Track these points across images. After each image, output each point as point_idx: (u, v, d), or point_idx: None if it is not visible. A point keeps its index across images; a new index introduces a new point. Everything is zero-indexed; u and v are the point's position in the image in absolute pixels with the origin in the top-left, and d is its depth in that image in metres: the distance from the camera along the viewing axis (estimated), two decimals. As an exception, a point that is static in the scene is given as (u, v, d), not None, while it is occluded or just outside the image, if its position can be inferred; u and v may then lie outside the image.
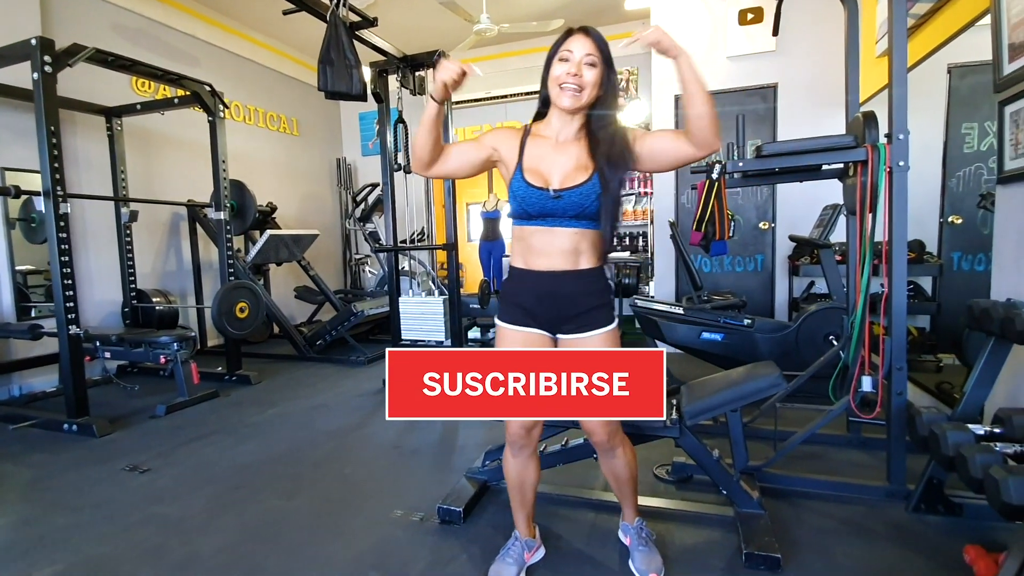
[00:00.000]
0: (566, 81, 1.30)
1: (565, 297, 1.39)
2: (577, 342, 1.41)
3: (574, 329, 1.41)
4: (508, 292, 1.47)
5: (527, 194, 1.35)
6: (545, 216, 1.35)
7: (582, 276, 1.39)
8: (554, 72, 1.33)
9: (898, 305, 1.88)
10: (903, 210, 1.86)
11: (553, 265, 1.38)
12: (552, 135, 1.41)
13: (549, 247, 1.37)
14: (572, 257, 1.38)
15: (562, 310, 1.40)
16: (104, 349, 3.52)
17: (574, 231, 1.36)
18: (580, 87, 1.31)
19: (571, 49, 1.32)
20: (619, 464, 1.56)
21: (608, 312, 1.43)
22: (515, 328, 1.43)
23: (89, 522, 1.99)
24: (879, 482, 1.99)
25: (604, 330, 1.41)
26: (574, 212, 1.34)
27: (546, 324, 1.43)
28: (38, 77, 2.70)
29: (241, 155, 5.52)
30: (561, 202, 1.33)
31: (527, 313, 1.42)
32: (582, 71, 1.31)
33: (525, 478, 1.56)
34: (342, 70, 2.52)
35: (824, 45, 4.04)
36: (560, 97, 1.32)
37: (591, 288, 1.40)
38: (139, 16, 4.54)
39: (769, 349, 3.17)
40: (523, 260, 1.43)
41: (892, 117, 1.85)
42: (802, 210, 4.07)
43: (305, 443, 2.75)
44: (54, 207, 2.83)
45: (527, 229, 1.39)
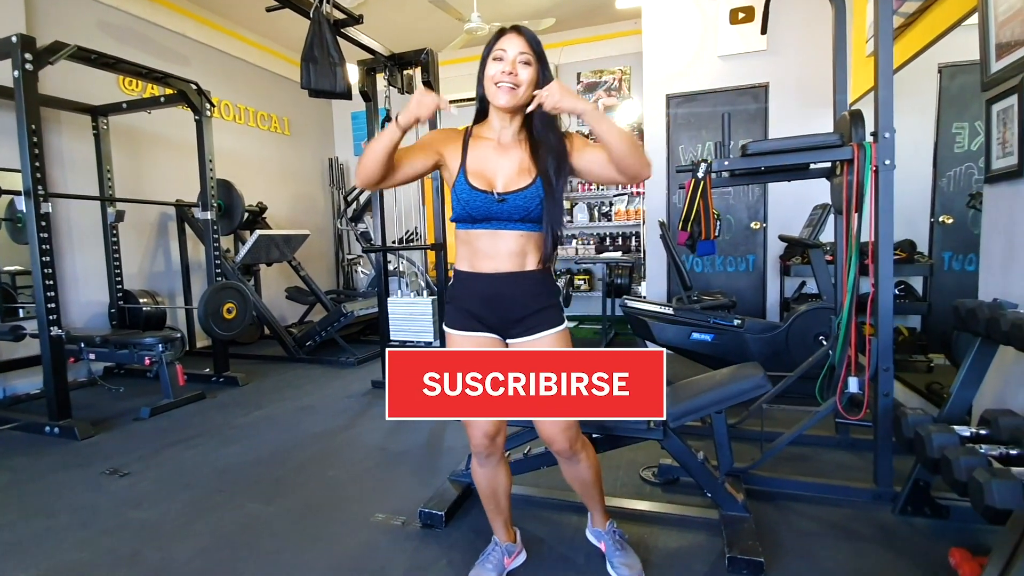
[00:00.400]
0: (501, 80, 1.29)
1: (512, 299, 1.38)
2: (526, 345, 1.39)
3: (522, 332, 1.40)
4: (454, 296, 1.45)
5: (471, 197, 1.34)
6: (490, 219, 1.35)
7: (528, 278, 1.39)
8: (489, 71, 1.32)
9: (884, 305, 1.86)
10: (889, 209, 1.84)
11: (499, 267, 1.37)
12: (494, 136, 1.40)
13: (495, 250, 1.37)
14: (518, 259, 1.37)
15: (509, 313, 1.39)
16: (88, 350, 3.48)
17: (519, 233, 1.36)
18: (515, 85, 1.30)
19: (504, 48, 1.30)
20: (583, 469, 1.52)
21: (556, 313, 1.42)
22: (464, 334, 1.42)
23: (65, 527, 1.96)
24: (866, 484, 1.97)
25: (552, 331, 1.40)
26: (519, 215, 1.34)
27: (495, 327, 1.42)
28: (18, 75, 2.67)
29: (231, 155, 5.48)
30: (505, 205, 1.33)
31: (474, 317, 1.41)
32: (517, 69, 1.30)
33: (496, 485, 1.54)
34: (326, 68, 2.48)
35: (815, 44, 4.02)
36: (496, 95, 1.31)
37: (537, 290, 1.40)
38: (126, 14, 4.49)
39: (759, 349, 3.15)
40: (469, 263, 1.42)
41: (878, 115, 1.83)
42: (793, 210, 4.05)
43: (290, 445, 2.71)
44: (35, 207, 2.79)
45: (472, 232, 1.39)
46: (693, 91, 4.43)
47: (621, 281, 4.83)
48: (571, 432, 1.43)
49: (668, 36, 4.44)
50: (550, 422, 1.40)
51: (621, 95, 5.80)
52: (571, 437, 1.43)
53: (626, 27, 5.54)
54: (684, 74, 4.42)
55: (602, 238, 5.86)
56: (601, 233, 5.88)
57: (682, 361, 3.68)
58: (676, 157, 4.55)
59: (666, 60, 4.46)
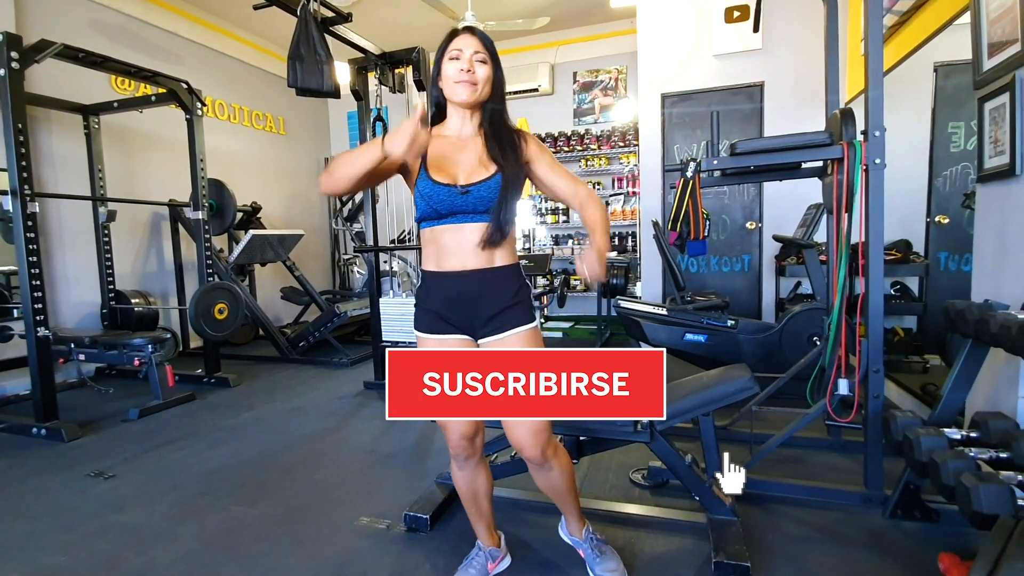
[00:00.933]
0: (460, 78, 1.31)
1: (478, 297, 1.35)
2: (494, 344, 1.36)
3: (491, 331, 1.36)
4: (421, 298, 1.43)
5: (434, 191, 1.32)
6: (455, 213, 1.33)
7: (495, 274, 1.36)
8: (446, 71, 1.33)
9: (875, 306, 1.83)
10: (880, 208, 1.82)
11: (465, 264, 1.34)
12: (453, 133, 1.41)
13: (460, 246, 1.34)
14: (486, 254, 1.35)
15: (477, 311, 1.36)
16: (78, 351, 3.45)
17: (486, 226, 1.33)
18: (474, 82, 1.32)
19: (460, 48, 1.32)
20: (555, 476, 1.46)
21: (526, 311, 1.39)
22: (433, 336, 1.39)
23: (46, 530, 1.94)
24: (856, 487, 1.94)
25: (522, 329, 1.36)
26: (484, 207, 1.32)
27: (464, 328, 1.39)
28: (4, 73, 2.64)
29: (225, 154, 5.46)
30: (469, 197, 1.31)
31: (442, 318, 1.38)
32: (474, 67, 1.31)
33: (477, 488, 1.51)
34: (312, 66, 2.46)
35: (811, 43, 3.99)
36: (456, 91, 1.32)
37: (505, 286, 1.37)
38: (118, 13, 4.47)
39: (753, 350, 3.13)
40: (435, 262, 1.39)
41: (868, 114, 1.81)
42: (789, 210, 4.02)
43: (278, 447, 2.69)
44: (21, 206, 2.77)
45: (437, 229, 1.36)
46: (688, 90, 4.41)
47: (616, 282, 4.80)
48: (542, 438, 1.37)
49: (663, 35, 4.42)
50: (520, 427, 1.34)
51: (617, 94, 5.78)
52: (542, 443, 1.37)
53: (622, 26, 5.51)
54: (679, 73, 4.40)
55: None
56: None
57: (676, 362, 3.65)
58: (671, 157, 4.52)
59: (661, 59, 4.44)
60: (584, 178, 5.82)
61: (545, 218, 5.91)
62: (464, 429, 1.40)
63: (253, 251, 4.77)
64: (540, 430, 1.36)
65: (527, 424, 1.33)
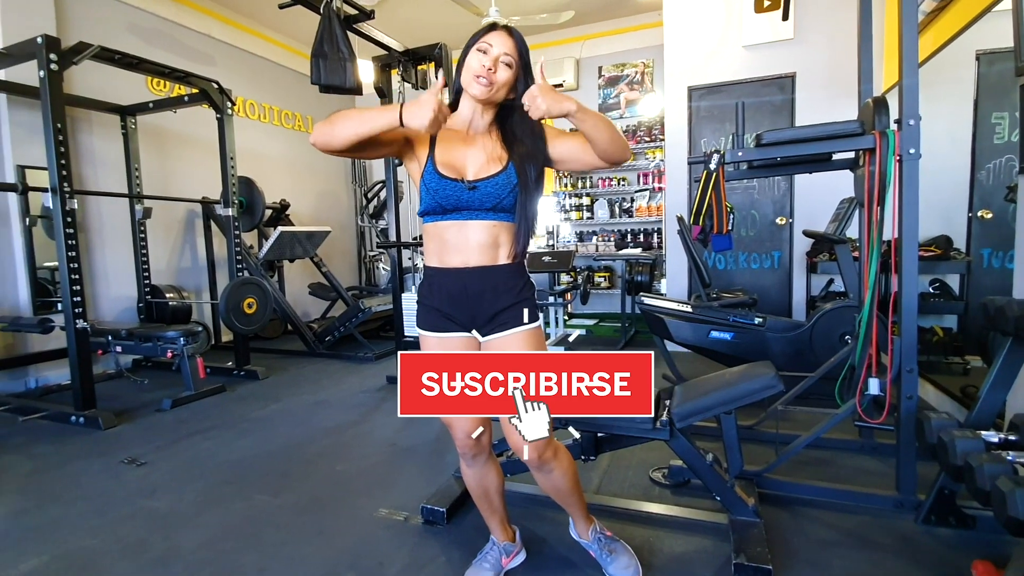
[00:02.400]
0: (480, 74, 1.25)
1: (481, 295, 1.32)
2: (497, 343, 1.33)
3: (494, 329, 1.34)
4: (423, 295, 1.39)
5: (440, 186, 1.28)
6: (460, 209, 1.29)
7: (499, 272, 1.33)
8: (469, 62, 1.28)
9: (908, 303, 1.76)
10: (914, 201, 1.74)
11: (468, 261, 1.31)
12: (462, 127, 1.36)
13: (464, 242, 1.31)
14: (489, 252, 1.32)
15: (479, 309, 1.33)
16: (115, 343, 3.58)
17: (491, 224, 1.30)
18: (491, 83, 1.26)
19: (491, 43, 1.26)
20: (556, 478, 1.42)
21: (529, 309, 1.35)
22: (435, 335, 1.37)
23: (80, 514, 2.01)
24: (888, 491, 1.87)
25: (523, 328, 1.33)
26: (490, 204, 1.29)
27: (467, 325, 1.36)
28: (44, 75, 2.75)
29: (256, 152, 5.59)
30: (476, 193, 1.27)
31: (444, 316, 1.36)
32: (497, 68, 1.26)
33: (487, 485, 1.50)
34: (335, 64, 2.49)
35: (845, 32, 3.86)
36: (471, 85, 1.27)
37: (508, 284, 1.33)
38: (154, 16, 4.61)
39: (781, 349, 3.05)
40: (438, 258, 1.36)
41: (902, 102, 1.73)
42: (821, 204, 3.89)
43: (302, 439, 2.74)
44: (61, 203, 2.88)
45: (441, 224, 1.33)
46: (716, 83, 4.31)
47: (641, 278, 4.73)
48: (542, 441, 1.28)
49: (690, 26, 4.33)
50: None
51: (644, 88, 5.69)
52: (539, 446, 1.31)
53: (648, 19, 5.42)
54: (707, 65, 4.31)
55: (623, 234, 5.77)
56: (622, 229, 5.79)
57: (701, 360, 3.59)
58: (698, 151, 4.43)
59: (688, 51, 4.35)
60: (608, 174, 5.75)
61: (569, 215, 5.87)
62: (468, 427, 1.39)
63: (282, 247, 4.87)
64: None
65: None
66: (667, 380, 3.50)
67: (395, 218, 3.61)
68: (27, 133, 3.66)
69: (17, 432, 2.92)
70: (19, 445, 2.73)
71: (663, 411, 1.76)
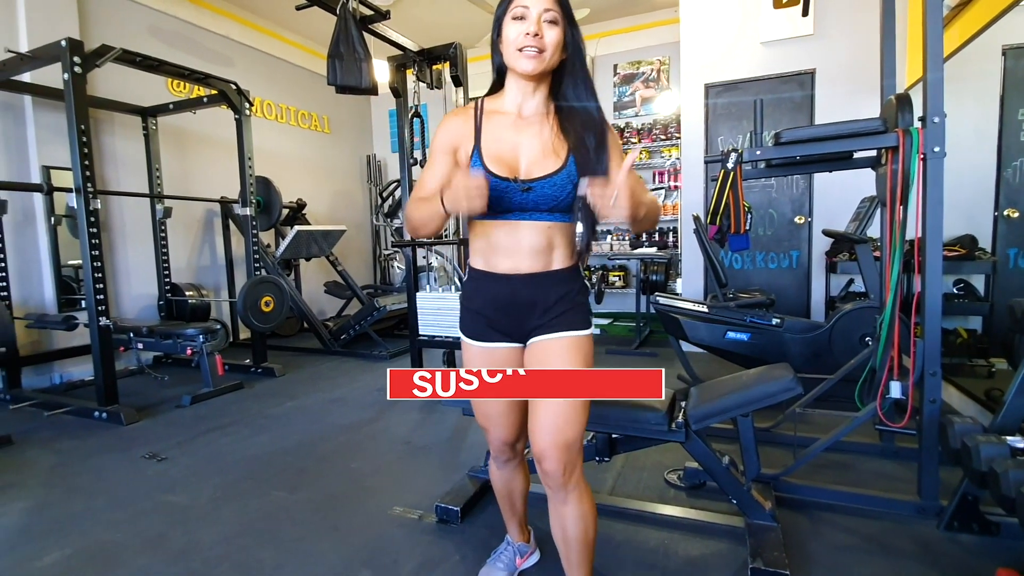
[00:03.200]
0: (525, 44, 1.08)
1: (531, 304, 1.19)
2: (541, 346, 1.20)
3: (541, 330, 1.20)
4: (467, 296, 1.27)
5: (490, 186, 1.11)
6: (512, 211, 1.15)
7: (553, 278, 1.19)
8: (508, 34, 1.11)
9: (932, 304, 1.72)
10: (938, 200, 1.70)
11: (519, 267, 1.17)
12: (512, 109, 1.18)
13: (515, 246, 1.16)
14: (543, 256, 1.17)
15: (527, 320, 1.21)
16: (136, 340, 3.65)
17: (546, 225, 1.16)
18: (541, 49, 1.09)
19: (526, 5, 1.09)
20: (571, 514, 1.20)
21: (582, 315, 1.22)
22: (479, 344, 1.25)
23: (102, 508, 2.05)
24: (909, 496, 1.83)
25: (574, 334, 1.19)
26: (547, 205, 1.14)
27: (513, 334, 1.24)
28: (68, 77, 2.81)
29: (273, 153, 5.65)
30: (531, 195, 1.12)
31: (490, 324, 1.23)
32: (542, 30, 1.08)
33: (513, 487, 1.49)
34: (351, 64, 2.51)
35: (866, 27, 3.79)
36: (519, 60, 1.10)
37: (562, 291, 1.20)
38: (174, 19, 4.68)
39: (800, 350, 3.00)
40: (484, 260, 1.22)
41: (927, 99, 1.69)
42: (841, 203, 3.84)
43: (317, 436, 2.76)
44: (85, 203, 2.94)
45: (488, 224, 1.18)
46: (733, 80, 4.25)
47: (656, 278, 4.70)
48: (568, 455, 1.16)
49: (707, 23, 4.28)
50: (545, 432, 1.15)
51: (659, 86, 5.64)
52: (565, 460, 1.15)
53: (664, 16, 5.37)
54: (724, 62, 4.26)
55: (637, 233, 5.72)
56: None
57: (717, 361, 3.56)
58: (715, 149, 4.39)
59: (705, 48, 4.30)
60: (624, 172, 5.71)
61: (584, 213, 5.83)
62: (504, 435, 1.33)
63: (298, 246, 4.92)
64: (568, 444, 1.16)
65: (554, 432, 1.15)
66: (682, 381, 3.47)
67: (410, 217, 3.62)
68: (52, 134, 3.74)
69: (42, 427, 2.99)
70: (44, 440, 2.79)
71: (678, 412, 1.75)
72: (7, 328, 3.27)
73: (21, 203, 3.70)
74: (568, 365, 1.17)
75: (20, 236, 3.72)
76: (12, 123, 3.66)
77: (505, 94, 1.20)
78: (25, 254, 3.75)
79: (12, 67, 3.18)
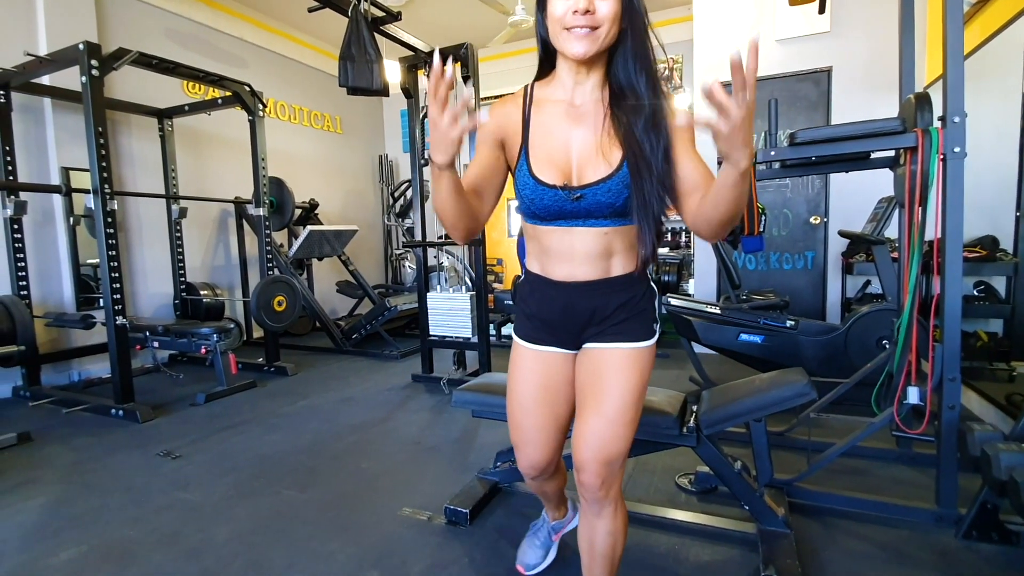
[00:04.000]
0: (574, 23, 0.93)
1: (589, 313, 1.10)
2: (599, 354, 1.11)
3: (597, 337, 1.11)
4: (522, 296, 1.20)
5: (536, 195, 1.02)
6: (564, 217, 1.05)
7: (614, 285, 1.08)
8: (555, 11, 0.95)
9: (951, 307, 1.68)
10: (959, 202, 1.66)
11: (575, 274, 1.08)
12: (564, 97, 1.05)
13: (570, 251, 1.06)
14: (601, 263, 1.07)
15: (584, 327, 1.13)
16: (152, 339, 3.71)
17: (603, 231, 1.04)
18: (594, 26, 0.93)
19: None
20: (602, 529, 1.13)
21: (645, 324, 1.11)
22: (531, 347, 1.18)
23: (118, 505, 2.08)
24: (927, 504, 1.79)
25: (634, 346, 1.09)
26: (602, 212, 1.02)
27: (567, 344, 1.17)
28: (85, 80, 2.85)
29: (286, 153, 5.70)
30: (583, 203, 1.01)
31: (543, 328, 1.16)
32: (593, 3, 0.93)
33: (545, 490, 1.45)
34: (363, 66, 2.51)
35: (884, 24, 3.73)
36: (568, 42, 0.96)
37: (625, 299, 1.09)
38: (190, 21, 4.74)
39: (814, 353, 2.96)
40: (539, 264, 1.14)
41: (946, 98, 1.65)
42: (857, 203, 3.78)
43: (328, 435, 2.78)
44: (102, 205, 2.98)
45: (540, 229, 1.09)
46: (748, 79, 4.19)
47: (668, 278, 4.66)
48: (609, 470, 1.08)
49: (722, 21, 4.23)
50: (589, 445, 1.06)
51: (672, 85, 5.60)
52: (605, 475, 1.08)
53: (678, 13, 5.33)
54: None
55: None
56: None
57: (730, 363, 3.52)
58: (728, 149, 4.33)
59: (719, 46, 4.25)
60: (636, 172, 5.68)
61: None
62: (537, 457, 1.22)
63: (311, 246, 4.96)
64: (610, 461, 1.08)
65: (598, 448, 1.07)
66: (694, 383, 3.44)
67: (421, 217, 3.63)
68: (70, 136, 3.80)
69: (61, 424, 3.04)
70: (62, 436, 2.84)
71: (690, 416, 1.73)
72: (27, 327, 3.33)
73: (40, 203, 3.76)
74: (624, 381, 1.07)
75: (40, 235, 3.78)
76: (32, 125, 3.73)
77: (557, 79, 1.06)
78: (44, 253, 3.82)
79: (31, 70, 3.24)
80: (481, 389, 1.95)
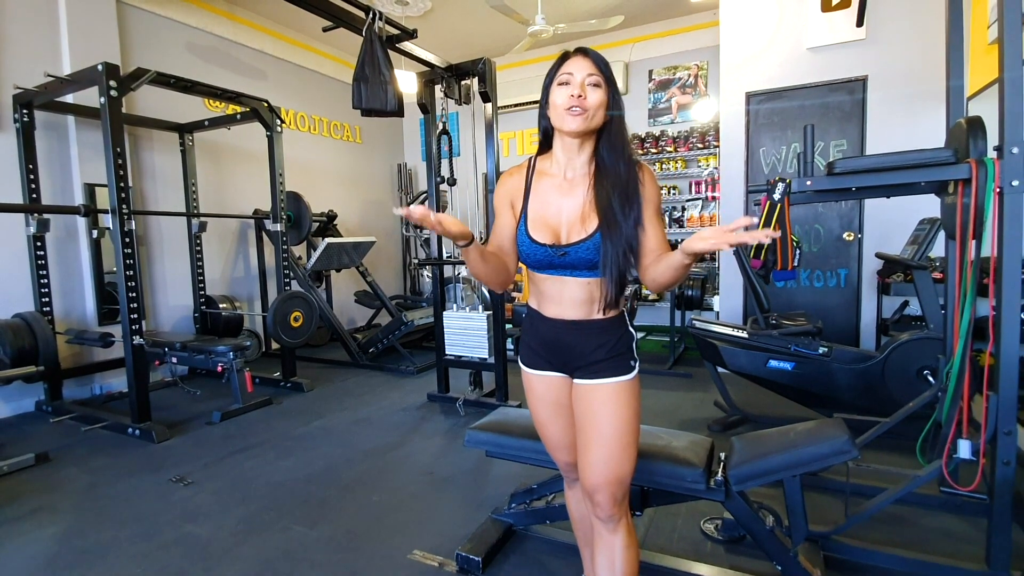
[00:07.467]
0: (571, 105, 1.18)
1: (573, 347, 1.29)
2: (586, 390, 1.28)
3: (585, 375, 1.29)
4: (524, 329, 1.42)
5: (532, 251, 1.25)
6: (555, 267, 1.26)
7: (594, 327, 1.28)
8: (555, 99, 1.20)
9: (1008, 357, 1.53)
10: (1018, 239, 1.51)
11: (563, 314, 1.29)
12: (559, 172, 1.28)
13: (559, 296, 1.28)
14: (585, 307, 1.27)
15: (571, 359, 1.31)
16: (170, 355, 3.71)
17: (586, 281, 1.25)
18: (585, 109, 1.18)
19: (571, 71, 1.19)
20: (619, 544, 1.27)
21: (623, 362, 1.28)
22: (534, 372, 1.38)
23: (128, 538, 2.05)
24: (976, 565, 1.65)
25: (616, 380, 1.26)
26: (584, 265, 1.23)
27: (561, 368, 1.34)
28: (104, 101, 2.85)
29: (306, 164, 5.70)
30: (568, 258, 1.23)
31: (541, 356, 1.35)
32: (586, 92, 1.18)
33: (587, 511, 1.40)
34: (376, 87, 2.45)
35: (924, 31, 3.53)
36: (564, 120, 1.19)
37: (602, 339, 1.27)
38: (211, 35, 4.76)
39: (849, 382, 2.80)
40: (536, 303, 1.36)
41: (1003, 124, 1.51)
42: (895, 218, 3.59)
43: (341, 461, 2.73)
44: (120, 224, 2.98)
45: (537, 276, 1.31)
46: (777, 87, 4.04)
47: (692, 293, 4.51)
48: (621, 488, 1.25)
49: (749, 27, 4.08)
50: (597, 471, 1.24)
51: (697, 92, 5.44)
52: (616, 495, 1.25)
53: (703, 19, 5.17)
54: (766, 69, 4.04)
55: (673, 246, 5.51)
56: (673, 240, 5.55)
57: (757, 390, 3.37)
58: (756, 160, 4.18)
59: (746, 53, 4.10)
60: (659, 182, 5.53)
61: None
62: (570, 458, 1.39)
63: (329, 258, 4.94)
64: (620, 480, 1.24)
65: (606, 471, 1.23)
66: (719, 408, 3.30)
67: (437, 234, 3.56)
68: (93, 153, 3.83)
69: (79, 442, 3.05)
70: (79, 457, 2.84)
71: (717, 467, 1.62)
72: (48, 344, 3.36)
73: (63, 220, 3.80)
74: (612, 412, 1.24)
75: (62, 251, 3.82)
76: (56, 142, 3.77)
77: (554, 156, 1.30)
78: (67, 268, 3.86)
79: (54, 90, 3.26)
80: (495, 428, 1.87)
